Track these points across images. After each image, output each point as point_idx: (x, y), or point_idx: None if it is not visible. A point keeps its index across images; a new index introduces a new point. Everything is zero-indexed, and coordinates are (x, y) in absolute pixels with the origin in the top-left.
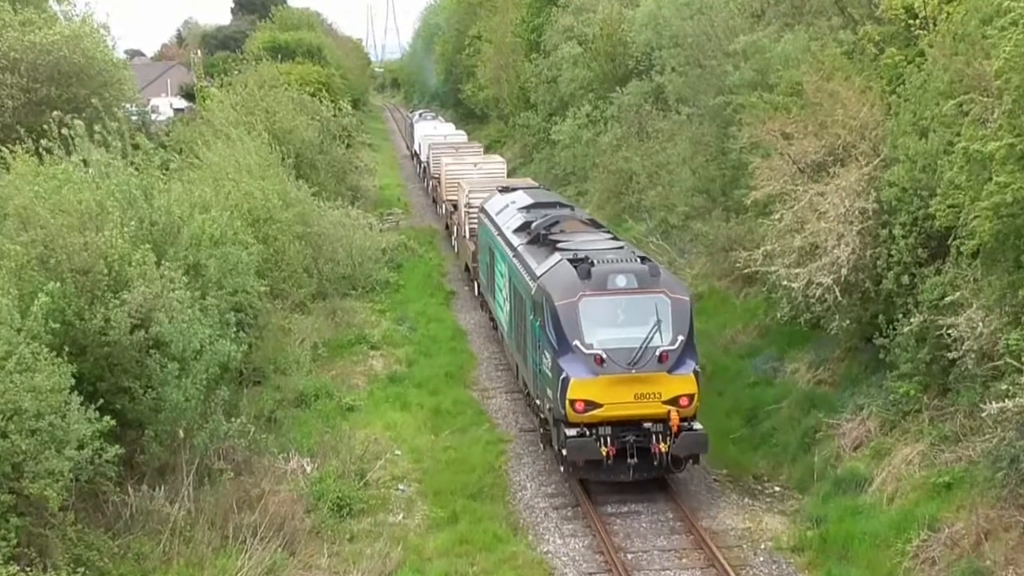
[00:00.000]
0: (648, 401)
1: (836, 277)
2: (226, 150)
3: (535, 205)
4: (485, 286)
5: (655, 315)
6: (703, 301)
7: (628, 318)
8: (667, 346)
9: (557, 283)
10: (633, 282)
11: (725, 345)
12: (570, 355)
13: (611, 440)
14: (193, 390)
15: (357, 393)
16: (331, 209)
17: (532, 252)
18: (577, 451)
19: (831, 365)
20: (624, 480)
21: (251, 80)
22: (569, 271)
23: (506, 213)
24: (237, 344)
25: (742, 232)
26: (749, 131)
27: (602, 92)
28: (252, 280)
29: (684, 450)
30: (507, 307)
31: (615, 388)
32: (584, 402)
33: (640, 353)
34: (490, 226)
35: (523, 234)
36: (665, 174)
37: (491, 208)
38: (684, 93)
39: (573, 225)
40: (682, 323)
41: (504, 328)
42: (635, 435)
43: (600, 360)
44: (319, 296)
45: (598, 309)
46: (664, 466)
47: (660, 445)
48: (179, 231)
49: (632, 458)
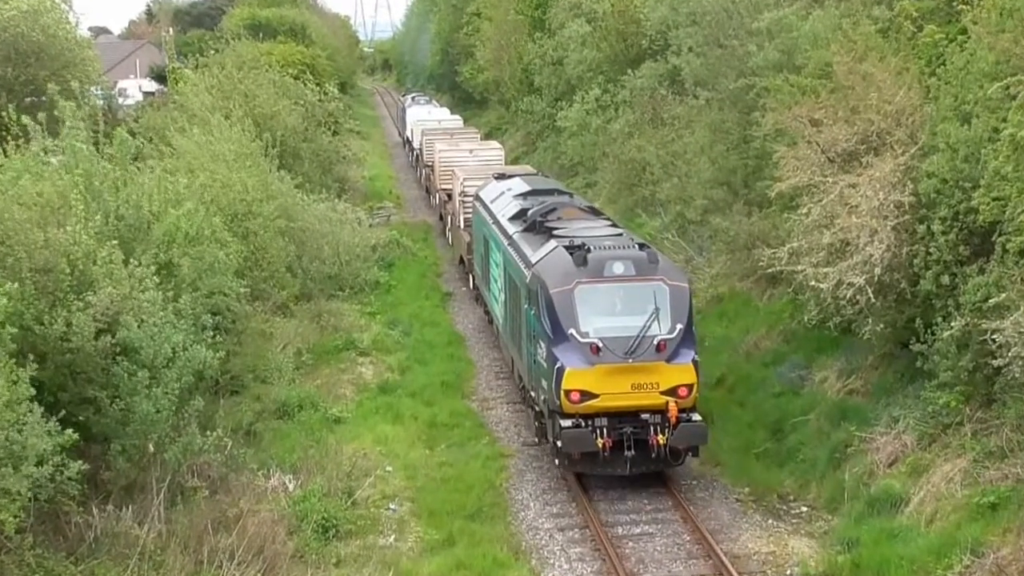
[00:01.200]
0: (645, 391)
1: (869, 277)
2: (201, 137)
3: (532, 192)
4: (480, 278)
5: (653, 303)
6: (723, 303)
7: (625, 306)
8: (665, 335)
9: (552, 270)
10: (631, 269)
11: (747, 351)
12: (565, 344)
13: (607, 432)
14: (164, 401)
15: (344, 404)
16: (316, 202)
17: (528, 240)
18: (572, 443)
19: (863, 373)
20: (621, 474)
21: (228, 61)
22: (565, 258)
23: (502, 200)
24: (213, 350)
25: (766, 228)
26: (774, 117)
27: (613, 75)
28: (230, 281)
29: (683, 442)
30: (502, 298)
31: (611, 378)
32: (580, 392)
33: (637, 342)
34: (485, 214)
35: (519, 222)
36: (682, 164)
37: (486, 196)
38: (702, 76)
39: (571, 212)
40: (681, 311)
41: (499, 321)
42: (632, 427)
43: (596, 349)
44: (303, 297)
45: (594, 297)
46: (662, 459)
47: (658, 437)
48: (150, 227)
49: (629, 450)
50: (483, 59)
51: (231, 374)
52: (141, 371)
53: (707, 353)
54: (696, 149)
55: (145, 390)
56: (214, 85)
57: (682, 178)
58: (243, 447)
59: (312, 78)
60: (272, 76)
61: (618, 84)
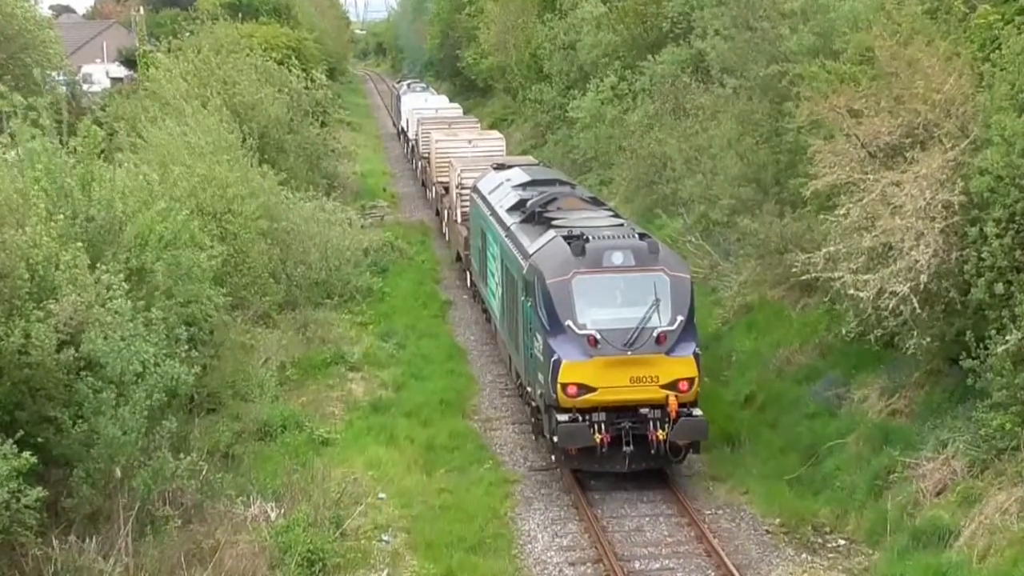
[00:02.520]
0: (645, 385)
1: (914, 285)
2: (176, 129)
3: (532, 183)
4: (477, 274)
5: (653, 294)
6: (752, 314)
7: (624, 297)
8: (665, 327)
9: (549, 260)
10: (630, 259)
11: (779, 367)
12: (562, 336)
13: (605, 427)
14: (133, 421)
15: (333, 424)
16: (302, 201)
17: (525, 231)
18: (569, 437)
19: (908, 392)
20: (620, 471)
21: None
22: (562, 248)
23: (500, 191)
24: (188, 365)
25: (799, 230)
26: (809, 107)
27: (630, 60)
28: (208, 289)
29: (683, 437)
30: (499, 292)
31: (610, 371)
32: (577, 386)
33: (636, 334)
34: (483, 206)
35: (517, 213)
36: (706, 159)
37: (484, 187)
38: (730, 61)
39: (571, 203)
40: (682, 303)
41: (496, 316)
42: (631, 422)
43: (594, 341)
44: (287, 306)
45: (592, 287)
46: (662, 455)
47: (658, 432)
48: (121, 228)
49: (628, 446)
50: (487, 43)
51: (207, 391)
52: (107, 388)
53: (735, 368)
54: (722, 143)
55: (112, 409)
56: (189, 71)
57: (707, 175)
58: (220, 472)
59: (298, 63)
60: (253, 61)
61: (636, 71)
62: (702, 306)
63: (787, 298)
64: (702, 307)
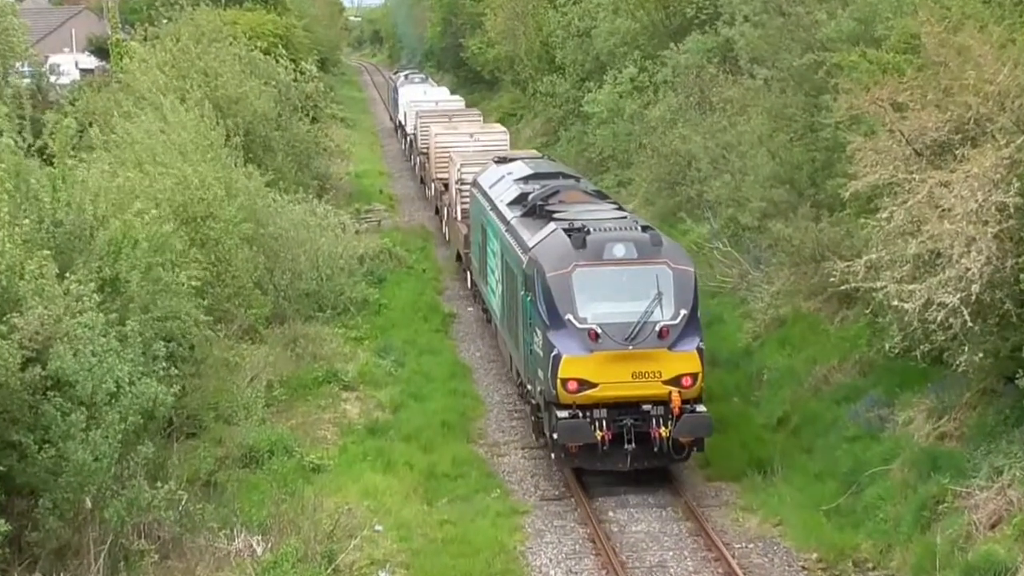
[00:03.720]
0: (647, 380)
1: (965, 296)
2: (152, 125)
3: (534, 176)
4: (477, 272)
5: (656, 287)
6: (785, 327)
7: (626, 290)
8: (668, 321)
9: (549, 253)
10: (632, 251)
11: (815, 386)
12: (562, 330)
13: (607, 424)
14: (105, 446)
15: (325, 449)
16: (291, 204)
17: (526, 224)
18: (569, 434)
19: (958, 413)
20: (621, 469)
21: (184, 32)
22: (563, 240)
23: (501, 185)
24: (167, 384)
25: (837, 236)
26: (848, 100)
27: (651, 50)
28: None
29: (686, 434)
30: (499, 289)
31: (611, 366)
32: (577, 381)
33: (638, 328)
34: (483, 201)
35: (518, 207)
36: (735, 158)
37: (485, 181)
38: (761, 50)
39: (574, 196)
40: (685, 296)
41: (496, 314)
42: (633, 418)
43: (594, 335)
44: (275, 319)
45: (593, 280)
46: (665, 453)
47: (660, 429)
48: (93, 234)
49: (630, 444)
50: (494, 30)
51: (188, 413)
52: (77, 410)
53: (766, 388)
54: (753, 140)
55: (82, 433)
56: (167, 61)
57: (735, 175)
58: (201, 502)
59: (286, 53)
60: (237, 51)
61: (658, 61)
62: (730, 320)
63: (824, 310)
64: (730, 321)
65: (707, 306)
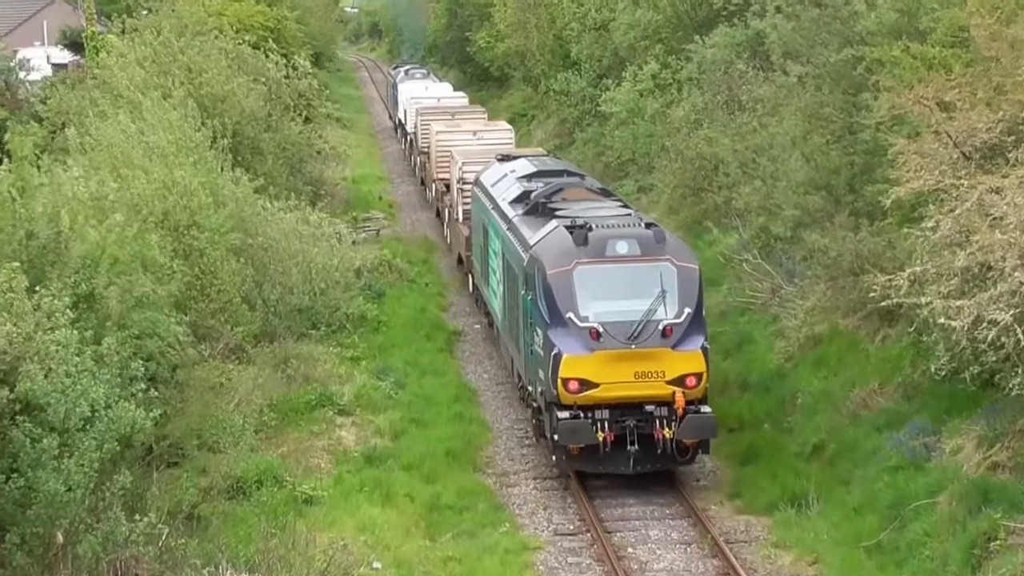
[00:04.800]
0: (650, 380)
1: (1018, 312)
2: (131, 126)
3: (538, 174)
4: (479, 274)
5: (659, 285)
6: (821, 347)
7: (628, 288)
8: (672, 319)
9: (550, 251)
10: (635, 248)
11: (854, 412)
12: (563, 329)
13: (609, 425)
14: (79, 475)
15: (318, 478)
16: (282, 212)
17: (528, 223)
18: (570, 435)
19: (1012, 441)
20: (624, 472)
21: (166, 24)
22: (564, 237)
23: (503, 183)
24: (146, 408)
25: (878, 247)
26: (890, 99)
27: (675, 44)
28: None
29: (690, 435)
30: (500, 290)
31: (613, 366)
32: (578, 381)
33: (641, 326)
34: (484, 200)
35: (520, 205)
36: (766, 162)
37: (487, 180)
38: (794, 45)
39: (578, 193)
40: (689, 294)
41: (498, 318)
42: (636, 420)
43: (596, 334)
44: (264, 337)
45: (595, 278)
46: (669, 455)
47: (664, 431)
48: (67, 246)
49: (632, 445)
50: (503, 23)
51: (169, 440)
52: (48, 436)
53: (800, 413)
54: (785, 142)
55: (53, 461)
56: (147, 56)
57: (766, 181)
58: (183, 536)
59: (277, 48)
60: (224, 45)
61: (682, 56)
62: (761, 339)
63: (863, 328)
64: (761, 340)
65: (736, 324)
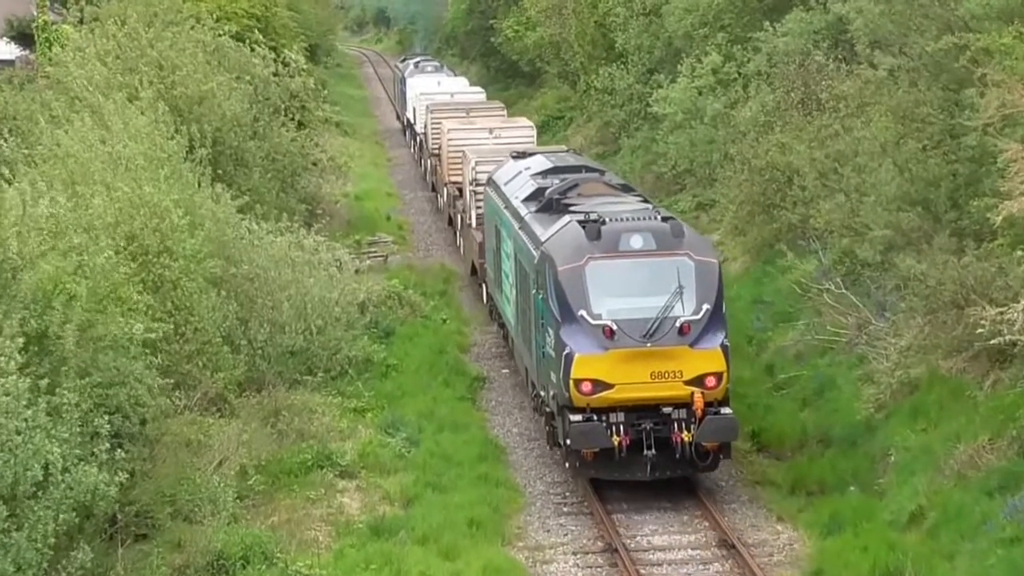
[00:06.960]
0: (667, 381)
1: None
2: (91, 133)
3: (554, 170)
4: (492, 281)
5: (676, 280)
6: (918, 394)
7: (644, 284)
8: (690, 316)
9: (562, 246)
10: (651, 243)
11: (959, 471)
12: (575, 327)
13: (624, 428)
14: (31, 552)
15: (316, 555)
16: (271, 235)
17: (540, 220)
18: (582, 438)
19: None
20: (641, 479)
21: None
22: (576, 232)
23: (517, 181)
24: (110, 471)
25: (987, 273)
26: (999, 96)
27: (740, 31)
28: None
29: (710, 438)
30: (513, 294)
31: (628, 365)
32: (591, 382)
33: (657, 324)
34: (497, 200)
35: (534, 202)
36: (851, 173)
37: (500, 178)
38: (884, 32)
39: (595, 188)
40: (708, 290)
41: (511, 324)
42: (653, 422)
43: (610, 332)
44: (250, 385)
45: (608, 274)
46: (688, 460)
47: (682, 434)
48: (15, 276)
49: (649, 450)
50: (534, 8)
51: (136, 507)
52: None
53: (893, 473)
54: (874, 148)
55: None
56: (110, 50)
57: (851, 195)
58: None
59: (265, 39)
60: (201, 36)
61: (748, 46)
62: (845, 384)
63: (970, 371)
64: (845, 386)
65: (815, 366)
